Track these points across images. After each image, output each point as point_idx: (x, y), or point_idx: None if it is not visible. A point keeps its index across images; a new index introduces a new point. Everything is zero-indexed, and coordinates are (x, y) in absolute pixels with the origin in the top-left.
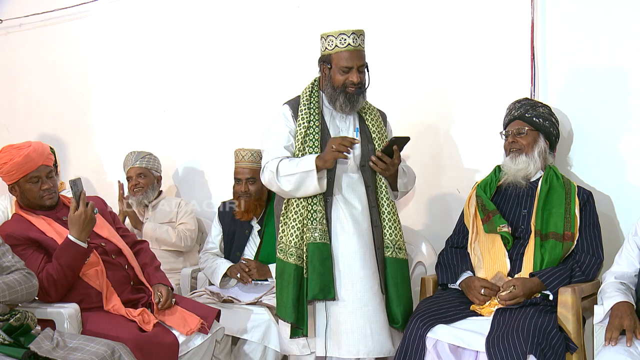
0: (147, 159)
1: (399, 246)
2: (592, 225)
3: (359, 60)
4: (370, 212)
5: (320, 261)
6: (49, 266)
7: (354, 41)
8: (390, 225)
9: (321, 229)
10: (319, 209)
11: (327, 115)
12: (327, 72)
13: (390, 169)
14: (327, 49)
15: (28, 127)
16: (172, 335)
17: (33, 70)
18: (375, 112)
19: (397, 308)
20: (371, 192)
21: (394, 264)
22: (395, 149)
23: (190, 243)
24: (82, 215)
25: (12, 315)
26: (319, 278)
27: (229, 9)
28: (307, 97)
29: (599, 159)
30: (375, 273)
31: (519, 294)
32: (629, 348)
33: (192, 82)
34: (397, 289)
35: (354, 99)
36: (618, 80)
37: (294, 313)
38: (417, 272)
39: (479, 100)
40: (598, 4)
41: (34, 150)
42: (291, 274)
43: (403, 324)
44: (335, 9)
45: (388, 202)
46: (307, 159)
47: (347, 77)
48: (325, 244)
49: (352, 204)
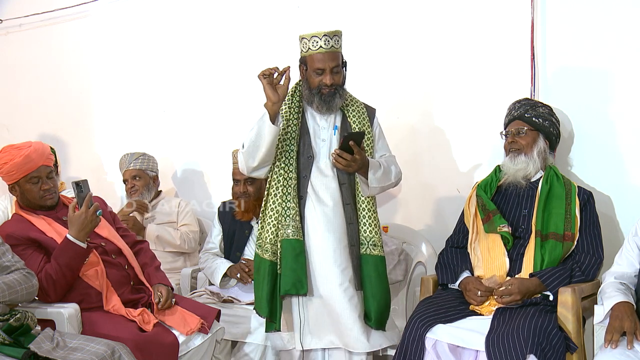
0: (141, 160)
1: (374, 243)
2: (592, 226)
3: (331, 61)
4: (344, 210)
5: (292, 257)
6: (48, 266)
7: (325, 43)
8: (365, 222)
9: (294, 225)
10: (293, 206)
11: (308, 114)
12: (304, 73)
13: (352, 164)
14: (302, 51)
15: (28, 127)
16: (172, 335)
17: (33, 70)
18: (359, 109)
19: (371, 305)
20: (345, 189)
21: (369, 260)
22: (352, 144)
23: (194, 245)
24: (82, 215)
25: (12, 315)
26: (292, 274)
27: (229, 9)
28: (290, 97)
29: (599, 159)
30: (347, 270)
31: (514, 292)
32: (627, 351)
33: (192, 83)
34: (372, 285)
35: (328, 99)
36: (618, 80)
37: (268, 308)
38: (417, 272)
39: (479, 100)
40: (598, 4)
41: (35, 151)
42: (266, 269)
43: (376, 322)
44: (335, 9)
45: (365, 199)
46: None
47: (321, 78)
48: (298, 240)
49: (324, 201)
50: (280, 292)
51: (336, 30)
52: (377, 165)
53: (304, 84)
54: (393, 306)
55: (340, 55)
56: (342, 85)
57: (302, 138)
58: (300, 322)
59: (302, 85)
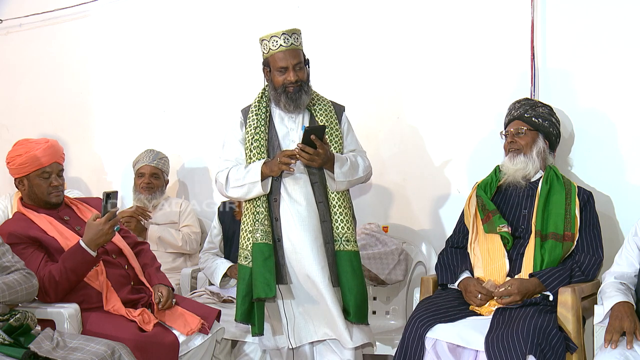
0: (163, 161)
1: (347, 238)
2: (592, 226)
3: (292, 59)
4: (318, 208)
5: (261, 261)
6: (53, 267)
7: (285, 41)
8: (338, 219)
9: (263, 229)
10: (262, 210)
11: (276, 117)
12: (268, 75)
13: (316, 159)
14: (264, 53)
15: (28, 127)
16: (172, 335)
17: (33, 70)
18: (326, 107)
19: (348, 300)
20: (317, 188)
21: (343, 256)
22: (313, 138)
23: (195, 246)
24: (100, 226)
25: (12, 316)
26: (261, 277)
27: (229, 9)
28: (257, 103)
29: (599, 159)
30: (325, 267)
31: (514, 292)
32: (626, 351)
33: (192, 82)
34: (348, 281)
35: (295, 97)
36: (618, 80)
37: (240, 311)
38: (417, 272)
39: (479, 100)
40: (598, 4)
41: (51, 146)
42: (240, 274)
43: (355, 316)
44: (335, 9)
45: (337, 196)
46: (254, 169)
47: (285, 77)
48: (266, 244)
49: (297, 201)
50: (253, 296)
51: (294, 29)
52: (343, 159)
53: (270, 85)
54: (393, 306)
55: (301, 52)
56: (307, 82)
57: (271, 143)
58: (287, 322)
59: (268, 87)
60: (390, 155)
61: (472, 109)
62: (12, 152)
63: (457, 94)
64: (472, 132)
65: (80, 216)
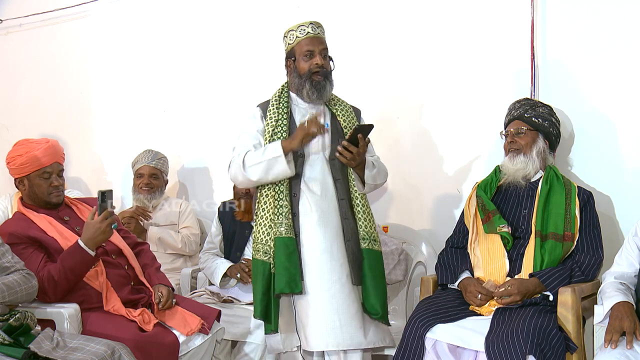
0: (163, 161)
1: (374, 238)
2: (592, 226)
3: (319, 44)
4: (339, 205)
5: (286, 255)
6: (52, 267)
7: (312, 30)
8: (364, 217)
9: (287, 223)
10: (285, 204)
11: (297, 114)
12: (292, 66)
13: (356, 158)
14: (289, 44)
15: (28, 127)
16: (173, 335)
17: (33, 70)
18: (347, 108)
19: (375, 300)
20: (340, 185)
21: (371, 255)
22: (360, 137)
23: (195, 248)
24: (97, 224)
25: (12, 316)
26: (285, 272)
27: (229, 9)
28: (277, 98)
29: (599, 159)
30: (344, 265)
31: (514, 292)
32: (626, 351)
33: (192, 82)
34: (375, 280)
35: (320, 85)
36: (618, 80)
37: (260, 308)
38: (417, 272)
39: (479, 100)
40: (598, 4)
41: (52, 146)
42: (259, 269)
43: (383, 315)
44: (335, 9)
45: (360, 194)
46: (273, 146)
47: (312, 61)
48: (290, 238)
49: (318, 197)
50: (275, 291)
51: (319, 22)
52: (371, 164)
53: (294, 74)
54: (393, 306)
55: (325, 41)
56: (331, 74)
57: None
58: (301, 322)
59: (292, 76)
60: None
61: (472, 108)
62: (13, 152)
63: (457, 94)
64: (472, 132)
65: (80, 216)
